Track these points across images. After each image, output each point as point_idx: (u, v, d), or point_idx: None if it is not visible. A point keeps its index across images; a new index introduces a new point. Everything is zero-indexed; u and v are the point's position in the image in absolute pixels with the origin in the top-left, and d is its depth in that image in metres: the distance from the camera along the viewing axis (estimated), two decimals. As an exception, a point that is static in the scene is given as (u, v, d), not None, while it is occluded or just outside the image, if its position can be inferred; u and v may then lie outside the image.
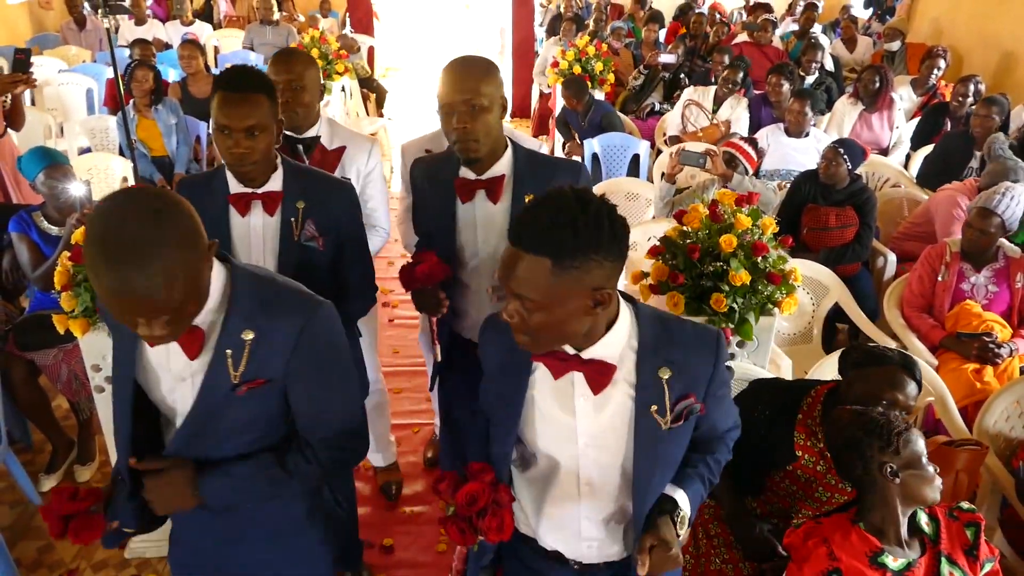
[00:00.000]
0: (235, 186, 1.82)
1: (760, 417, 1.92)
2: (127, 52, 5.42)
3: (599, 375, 1.26)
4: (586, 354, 1.26)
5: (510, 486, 1.42)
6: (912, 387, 1.81)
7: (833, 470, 1.83)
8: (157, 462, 1.34)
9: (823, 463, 1.85)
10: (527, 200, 1.81)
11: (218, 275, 1.28)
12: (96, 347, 2.22)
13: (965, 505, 1.67)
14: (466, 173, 1.88)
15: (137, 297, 1.09)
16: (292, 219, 1.84)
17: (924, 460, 1.56)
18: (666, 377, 1.28)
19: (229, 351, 1.28)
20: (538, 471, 1.41)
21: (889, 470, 1.54)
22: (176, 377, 1.33)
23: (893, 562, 1.55)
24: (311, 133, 2.36)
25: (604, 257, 1.14)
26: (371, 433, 2.78)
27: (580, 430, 1.32)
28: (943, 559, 1.58)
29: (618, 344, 1.27)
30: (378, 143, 2.50)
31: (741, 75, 4.98)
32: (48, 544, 2.63)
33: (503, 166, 1.88)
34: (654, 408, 1.28)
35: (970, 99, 4.69)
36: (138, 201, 1.11)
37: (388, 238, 2.62)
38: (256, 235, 1.86)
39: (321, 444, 1.40)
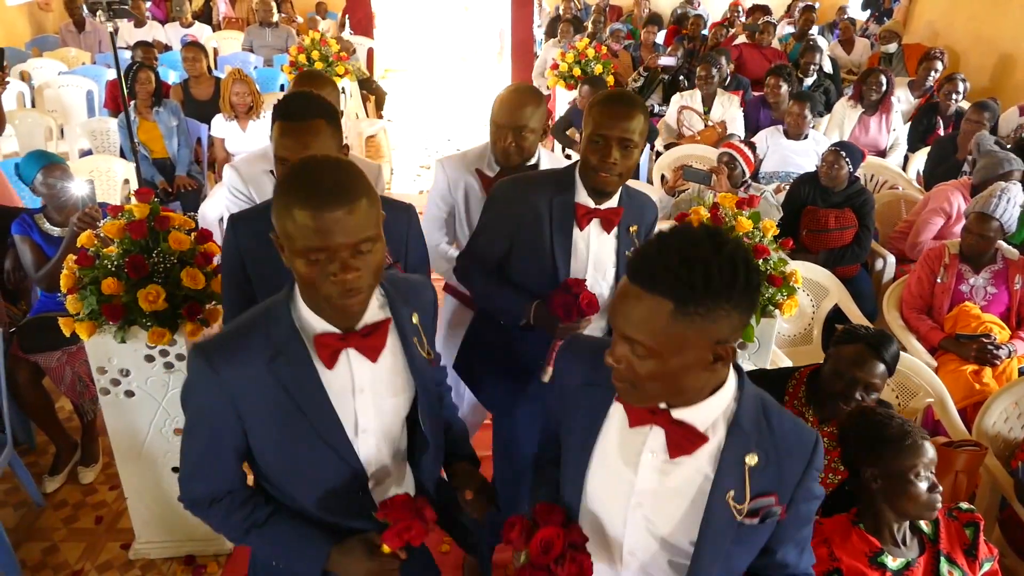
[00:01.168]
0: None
1: None
2: (128, 54, 5.43)
3: (685, 440, 1.13)
4: (676, 413, 1.13)
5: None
6: (879, 367, 1.85)
7: (826, 450, 1.89)
8: None
9: None
10: (631, 230, 1.89)
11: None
12: (102, 349, 2.23)
13: (964, 505, 1.69)
14: (584, 199, 1.86)
15: (342, 214, 1.11)
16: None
17: (913, 475, 1.54)
18: (751, 464, 1.14)
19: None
20: (588, 531, 1.27)
21: (869, 474, 1.56)
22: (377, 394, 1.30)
23: (892, 562, 1.57)
24: None
25: (734, 307, 1.01)
26: None
27: (638, 487, 1.19)
28: (942, 558, 1.60)
29: (714, 413, 1.14)
30: (382, 170, 2.45)
31: (715, 69, 4.96)
32: (53, 545, 2.64)
33: (615, 199, 1.88)
34: (731, 494, 1.14)
35: (958, 95, 4.83)
36: (330, 160, 1.19)
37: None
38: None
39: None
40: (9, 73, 6.10)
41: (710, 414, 1.14)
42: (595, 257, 1.91)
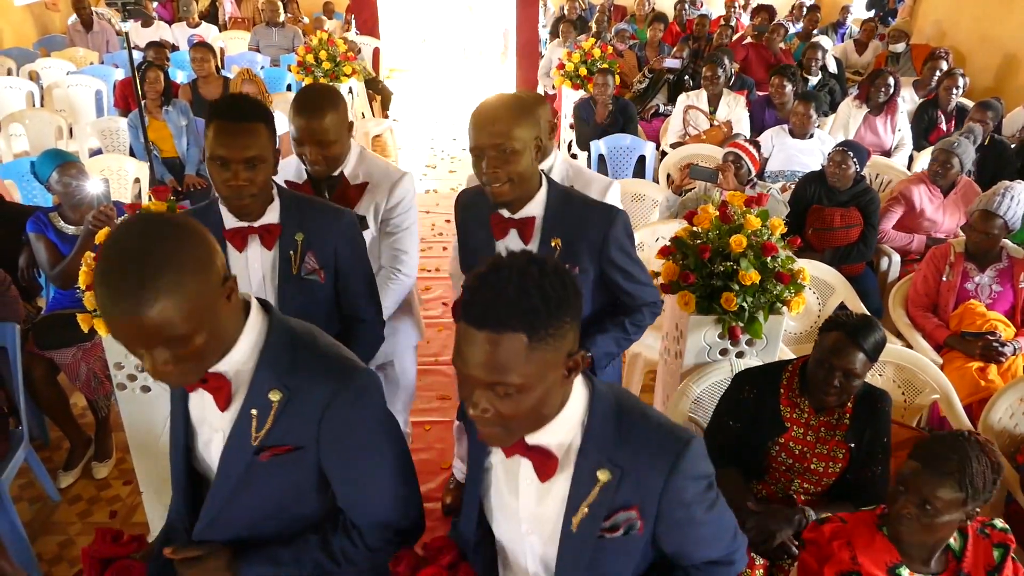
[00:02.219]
0: (230, 220, 1.74)
1: (748, 398, 2.06)
2: (137, 55, 5.46)
3: (543, 465, 1.13)
4: (531, 439, 1.13)
5: (477, 565, 1.30)
6: (857, 355, 1.88)
7: (824, 439, 1.98)
8: (193, 550, 1.28)
9: (812, 433, 1.99)
10: (553, 243, 1.78)
11: (254, 324, 1.21)
12: (119, 345, 2.25)
13: (999, 523, 1.63)
14: (501, 209, 1.83)
15: (132, 317, 1.00)
16: (291, 252, 1.77)
17: (929, 507, 1.48)
18: (604, 480, 1.12)
19: (254, 411, 1.21)
20: (502, 558, 1.31)
21: (899, 490, 1.53)
22: (211, 429, 1.28)
23: None
24: (336, 171, 2.17)
25: (573, 318, 1.04)
26: None
27: (522, 515, 1.21)
28: None
29: (568, 427, 1.14)
30: (409, 176, 2.29)
31: (720, 70, 4.99)
32: (68, 539, 2.67)
33: (536, 206, 1.80)
34: (585, 510, 1.14)
35: (957, 91, 4.89)
36: (149, 221, 1.06)
37: (411, 285, 2.38)
38: (255, 271, 1.79)
39: (367, 527, 1.31)
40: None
41: (563, 430, 1.14)
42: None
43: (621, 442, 1.13)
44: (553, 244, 1.78)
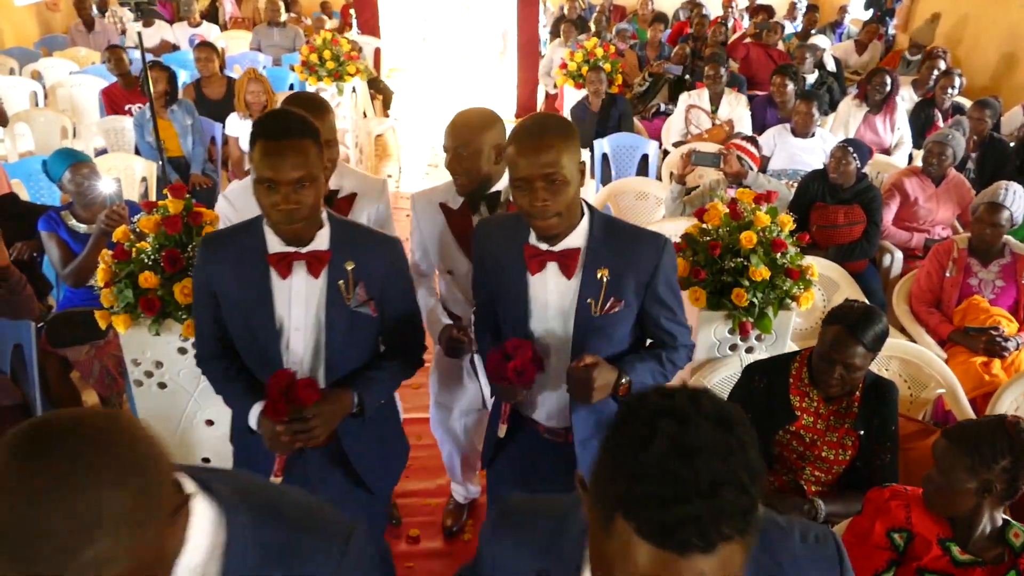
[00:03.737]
0: (275, 244, 1.62)
1: (759, 387, 2.10)
2: (136, 54, 5.47)
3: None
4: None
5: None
6: (856, 349, 1.92)
7: (833, 427, 2.02)
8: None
9: (822, 422, 2.04)
10: (600, 275, 1.64)
11: (202, 526, 0.89)
12: (136, 342, 2.28)
13: None
14: (536, 241, 1.68)
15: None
16: (341, 282, 1.65)
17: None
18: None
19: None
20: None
21: (994, 487, 1.55)
22: None
23: (959, 554, 1.59)
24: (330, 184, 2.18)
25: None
26: None
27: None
28: (1014, 573, 1.58)
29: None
30: (387, 185, 2.37)
31: (723, 69, 5.04)
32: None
33: (578, 236, 1.66)
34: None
35: (953, 89, 4.96)
36: (41, 446, 0.73)
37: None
38: (299, 301, 1.66)
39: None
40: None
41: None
42: (554, 305, 1.71)
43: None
44: (600, 276, 1.64)
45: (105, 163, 4.22)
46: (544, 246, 1.66)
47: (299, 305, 1.66)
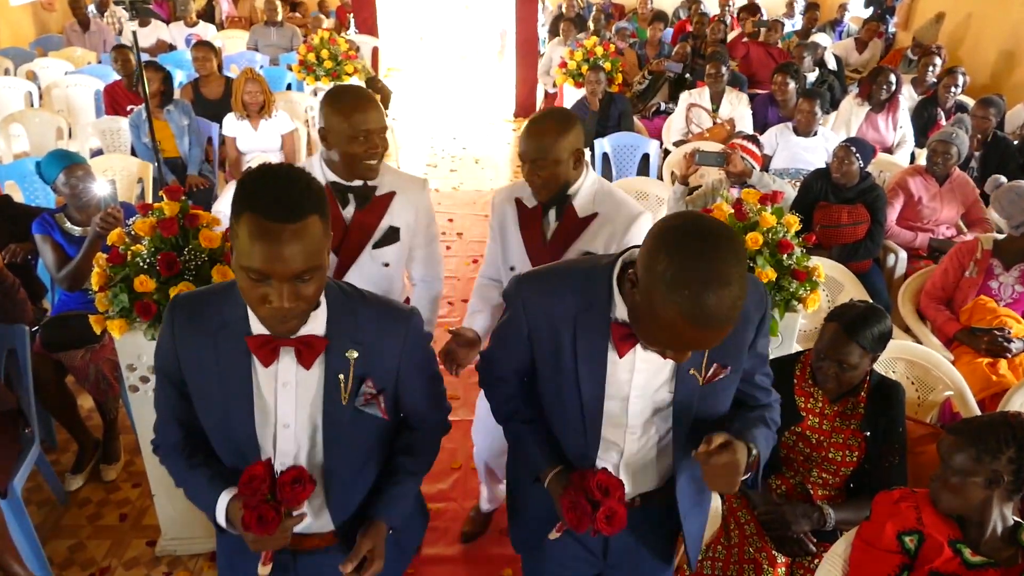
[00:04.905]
0: (257, 325, 1.29)
1: None
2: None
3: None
4: None
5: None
6: (852, 348, 1.92)
7: (839, 428, 2.01)
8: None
9: (827, 423, 2.02)
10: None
11: None
12: (131, 347, 2.24)
13: None
14: (626, 315, 1.30)
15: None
16: (341, 375, 1.33)
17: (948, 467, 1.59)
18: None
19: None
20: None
21: (1002, 478, 1.53)
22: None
23: (971, 556, 1.57)
24: (360, 179, 2.08)
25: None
26: None
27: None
28: None
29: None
30: (427, 184, 2.25)
31: (723, 67, 5.01)
32: (79, 543, 2.65)
33: None
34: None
35: (956, 88, 4.94)
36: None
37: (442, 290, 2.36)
38: (288, 394, 1.33)
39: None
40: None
41: None
42: (642, 397, 1.40)
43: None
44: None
45: (101, 164, 4.18)
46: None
47: (288, 399, 1.33)
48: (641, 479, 1.53)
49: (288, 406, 1.34)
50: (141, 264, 2.14)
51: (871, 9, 8.53)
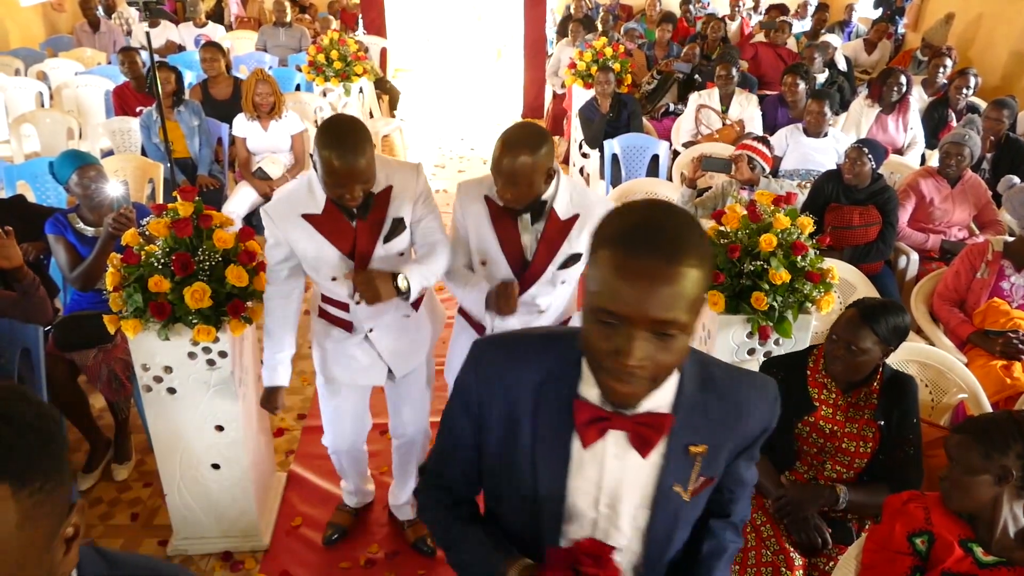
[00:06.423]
0: (589, 389, 1.11)
1: (776, 379, 2.04)
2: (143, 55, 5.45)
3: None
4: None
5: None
6: (864, 332, 1.95)
7: (853, 418, 2.02)
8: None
9: (841, 413, 2.04)
10: (693, 452, 1.13)
11: None
12: (145, 347, 2.24)
13: None
14: (592, 396, 1.09)
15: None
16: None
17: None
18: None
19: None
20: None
21: (1011, 473, 1.53)
22: None
23: (983, 555, 1.57)
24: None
25: None
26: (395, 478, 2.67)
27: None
28: None
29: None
30: (421, 168, 2.22)
31: (734, 68, 5.01)
32: (90, 543, 2.66)
33: (662, 397, 1.10)
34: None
35: (968, 90, 4.92)
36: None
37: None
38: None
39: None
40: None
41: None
42: (611, 492, 1.15)
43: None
44: (692, 453, 1.13)
45: (111, 165, 4.20)
46: (606, 407, 1.07)
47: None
48: None
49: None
50: (155, 264, 2.14)
51: (880, 10, 8.51)
